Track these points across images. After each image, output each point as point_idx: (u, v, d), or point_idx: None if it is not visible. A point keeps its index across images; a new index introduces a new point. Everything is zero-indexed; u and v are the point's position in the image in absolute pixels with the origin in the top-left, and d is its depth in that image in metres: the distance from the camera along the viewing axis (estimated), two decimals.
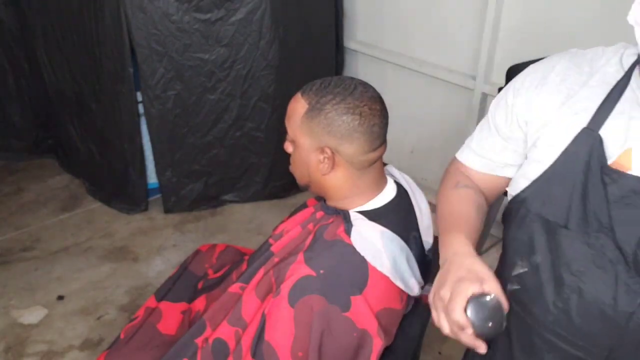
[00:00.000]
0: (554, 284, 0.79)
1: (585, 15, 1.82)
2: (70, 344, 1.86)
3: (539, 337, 0.83)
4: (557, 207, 0.77)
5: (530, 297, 0.83)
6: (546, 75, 0.83)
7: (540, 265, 0.80)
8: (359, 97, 0.95)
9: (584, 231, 0.75)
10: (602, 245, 0.73)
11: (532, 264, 0.81)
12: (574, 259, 0.76)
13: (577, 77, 0.80)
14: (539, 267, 0.80)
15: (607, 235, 0.73)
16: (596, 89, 0.77)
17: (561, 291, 0.78)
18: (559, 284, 0.78)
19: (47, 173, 2.90)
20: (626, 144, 0.73)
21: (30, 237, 2.41)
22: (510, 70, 1.85)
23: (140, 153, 2.44)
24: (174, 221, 2.52)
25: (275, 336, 0.95)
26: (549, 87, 0.81)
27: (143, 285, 2.13)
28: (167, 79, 2.26)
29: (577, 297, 0.76)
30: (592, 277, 0.75)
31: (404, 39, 2.49)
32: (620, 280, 0.73)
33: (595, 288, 0.74)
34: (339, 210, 1.04)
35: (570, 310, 0.78)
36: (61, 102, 2.63)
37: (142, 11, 2.11)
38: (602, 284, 0.74)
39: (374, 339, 0.95)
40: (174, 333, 1.22)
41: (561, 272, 0.77)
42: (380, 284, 0.97)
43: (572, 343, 0.79)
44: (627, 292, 0.72)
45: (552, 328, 0.81)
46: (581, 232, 0.75)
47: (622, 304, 0.73)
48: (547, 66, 0.84)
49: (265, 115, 2.45)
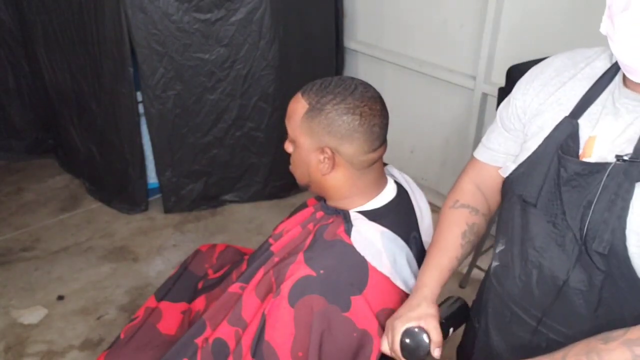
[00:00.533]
0: (520, 258, 0.86)
1: (585, 15, 1.82)
2: (70, 344, 1.86)
3: (508, 310, 0.89)
4: (533, 188, 0.83)
5: (503, 273, 0.91)
6: (544, 70, 0.89)
7: (513, 242, 0.88)
8: (359, 97, 0.95)
9: (551, 212, 0.80)
10: (566, 225, 0.78)
11: (508, 241, 0.89)
12: (538, 235, 0.82)
13: (570, 71, 0.85)
14: (512, 244, 0.88)
15: (565, 218, 0.78)
16: (582, 82, 0.83)
17: (525, 266, 0.85)
18: (524, 259, 0.85)
19: (47, 173, 2.90)
20: (593, 132, 0.78)
21: (30, 237, 2.41)
22: (510, 70, 1.85)
23: (140, 153, 2.44)
24: (174, 221, 2.52)
25: (275, 336, 0.95)
26: (542, 80, 0.88)
27: (143, 285, 2.13)
28: (167, 79, 2.26)
29: (537, 271, 0.83)
30: (551, 253, 0.80)
31: (404, 39, 2.49)
32: (576, 258, 0.77)
33: (553, 264, 0.80)
34: (339, 210, 1.04)
35: (531, 283, 0.84)
36: (61, 102, 2.63)
37: (142, 11, 2.11)
38: (559, 261, 0.80)
39: (374, 339, 0.95)
40: (174, 333, 1.22)
41: (527, 247, 0.84)
42: (381, 284, 0.97)
43: (535, 317, 0.85)
44: (579, 269, 0.77)
45: (519, 301, 0.87)
46: (548, 213, 0.80)
47: (575, 280, 0.78)
48: (548, 62, 0.90)
49: (265, 115, 2.45)
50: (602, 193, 0.73)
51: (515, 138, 0.93)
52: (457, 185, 1.04)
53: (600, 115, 0.79)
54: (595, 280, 0.76)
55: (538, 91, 0.88)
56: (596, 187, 0.74)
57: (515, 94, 0.92)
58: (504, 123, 0.95)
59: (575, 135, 0.80)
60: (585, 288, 0.77)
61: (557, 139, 0.81)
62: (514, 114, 0.92)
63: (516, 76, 1.87)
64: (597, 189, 0.74)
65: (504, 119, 0.95)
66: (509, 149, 0.95)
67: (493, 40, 2.11)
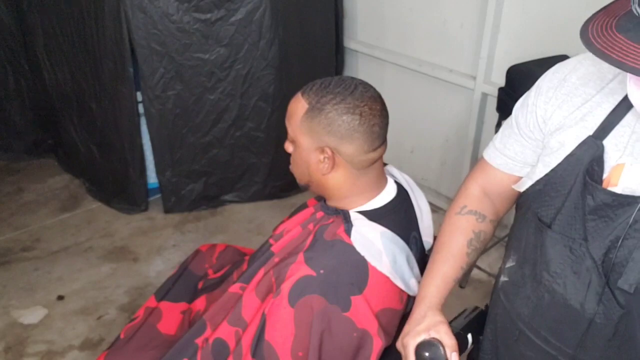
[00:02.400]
0: (533, 280, 0.82)
1: (585, 15, 1.82)
2: (70, 344, 1.86)
3: (516, 328, 0.87)
4: (550, 208, 0.79)
5: (513, 290, 0.87)
6: (567, 77, 0.82)
7: (525, 261, 0.84)
8: (359, 97, 0.95)
9: (569, 236, 0.76)
10: (584, 253, 0.75)
11: (520, 259, 0.85)
12: (553, 260, 0.78)
13: (596, 82, 0.79)
14: (524, 263, 0.84)
15: (583, 245, 0.75)
16: (609, 97, 0.76)
17: (537, 288, 0.81)
18: (537, 281, 0.81)
19: (47, 173, 2.90)
20: (621, 159, 0.73)
21: (30, 237, 2.41)
22: (510, 70, 1.85)
23: (140, 153, 2.44)
24: (174, 221, 2.52)
25: (276, 336, 0.95)
26: (567, 89, 0.81)
27: (143, 285, 2.13)
28: (167, 79, 2.26)
29: (549, 296, 0.80)
30: (565, 280, 0.77)
31: (404, 39, 2.49)
32: (592, 289, 0.74)
33: (566, 291, 0.77)
34: (339, 210, 1.04)
35: (542, 306, 0.81)
36: (61, 102, 2.63)
37: (142, 11, 2.11)
38: (573, 288, 0.76)
39: (374, 339, 0.95)
40: (174, 333, 1.22)
41: (541, 270, 0.80)
42: (380, 284, 0.97)
43: (544, 338, 0.82)
44: (596, 301, 0.74)
45: (528, 322, 0.84)
46: (566, 237, 0.77)
47: (590, 311, 0.75)
48: (570, 67, 0.83)
49: (265, 115, 2.45)
50: (631, 228, 0.70)
51: (535, 148, 0.88)
52: (464, 189, 0.99)
53: (629, 140, 0.73)
54: (613, 314, 0.73)
55: (561, 101, 0.81)
56: (625, 221, 0.70)
57: (536, 101, 0.85)
58: (522, 130, 0.88)
59: (600, 159, 0.74)
60: (601, 320, 0.75)
61: (580, 161, 0.76)
62: (534, 123, 0.85)
63: (516, 76, 1.88)
64: (626, 223, 0.70)
65: (521, 126, 0.88)
66: (527, 158, 0.89)
67: (493, 40, 2.11)
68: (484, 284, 2.13)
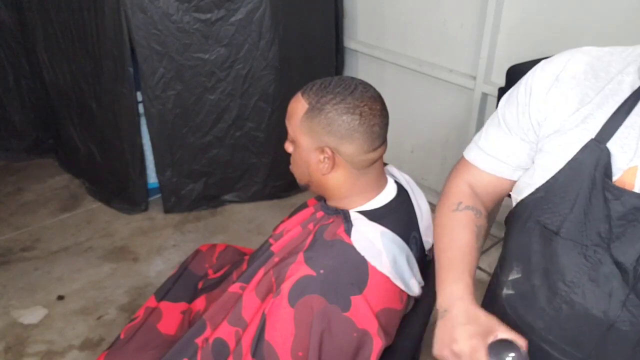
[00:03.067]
0: (546, 291, 0.79)
1: (585, 14, 1.82)
2: (70, 344, 1.86)
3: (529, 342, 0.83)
4: (555, 215, 0.76)
5: (523, 303, 0.83)
6: (560, 77, 0.79)
7: (532, 271, 0.80)
8: (359, 97, 0.95)
9: (581, 243, 0.74)
10: (600, 259, 0.73)
11: (526, 270, 0.81)
12: (567, 268, 0.75)
13: (593, 82, 0.76)
14: (532, 274, 0.80)
15: (606, 250, 0.72)
16: (609, 98, 0.74)
17: (553, 300, 0.78)
18: (552, 293, 0.78)
19: (47, 173, 2.90)
20: (632, 161, 0.71)
21: (30, 237, 2.41)
22: (510, 70, 1.85)
23: (140, 153, 2.44)
24: (174, 221, 2.52)
25: (276, 336, 0.95)
26: (561, 90, 0.78)
27: (143, 285, 2.13)
28: (167, 79, 2.26)
29: (567, 307, 0.76)
30: (584, 289, 0.74)
31: (404, 39, 2.49)
32: (615, 296, 0.72)
33: (586, 300, 0.74)
34: (339, 210, 1.04)
35: (560, 319, 0.78)
36: (61, 102, 2.63)
37: (142, 11, 2.11)
38: (593, 297, 0.74)
39: (374, 339, 0.95)
40: (174, 333, 1.22)
41: (555, 280, 0.77)
42: (380, 284, 0.97)
43: (560, 349, 0.79)
44: (621, 308, 0.72)
45: (543, 334, 0.81)
46: (578, 243, 0.74)
47: (613, 318, 0.72)
48: (560, 65, 0.80)
49: (265, 115, 2.45)
50: None
51: (529, 150, 0.84)
52: (454, 187, 0.94)
53: (639, 142, 0.71)
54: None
55: (556, 102, 0.78)
56: None
57: (529, 101, 0.81)
58: (513, 131, 0.84)
59: (608, 163, 0.72)
60: (627, 328, 0.72)
61: (584, 165, 0.73)
62: (527, 125, 0.82)
63: (516, 76, 1.88)
64: None
65: (512, 127, 0.85)
66: (520, 161, 0.86)
67: (493, 40, 2.11)
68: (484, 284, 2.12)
